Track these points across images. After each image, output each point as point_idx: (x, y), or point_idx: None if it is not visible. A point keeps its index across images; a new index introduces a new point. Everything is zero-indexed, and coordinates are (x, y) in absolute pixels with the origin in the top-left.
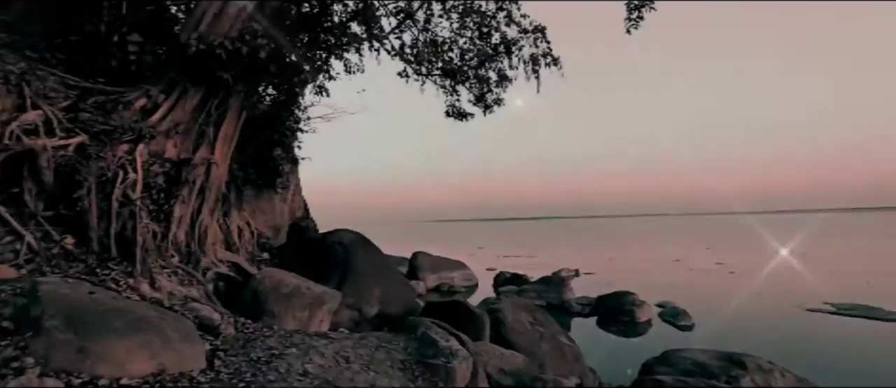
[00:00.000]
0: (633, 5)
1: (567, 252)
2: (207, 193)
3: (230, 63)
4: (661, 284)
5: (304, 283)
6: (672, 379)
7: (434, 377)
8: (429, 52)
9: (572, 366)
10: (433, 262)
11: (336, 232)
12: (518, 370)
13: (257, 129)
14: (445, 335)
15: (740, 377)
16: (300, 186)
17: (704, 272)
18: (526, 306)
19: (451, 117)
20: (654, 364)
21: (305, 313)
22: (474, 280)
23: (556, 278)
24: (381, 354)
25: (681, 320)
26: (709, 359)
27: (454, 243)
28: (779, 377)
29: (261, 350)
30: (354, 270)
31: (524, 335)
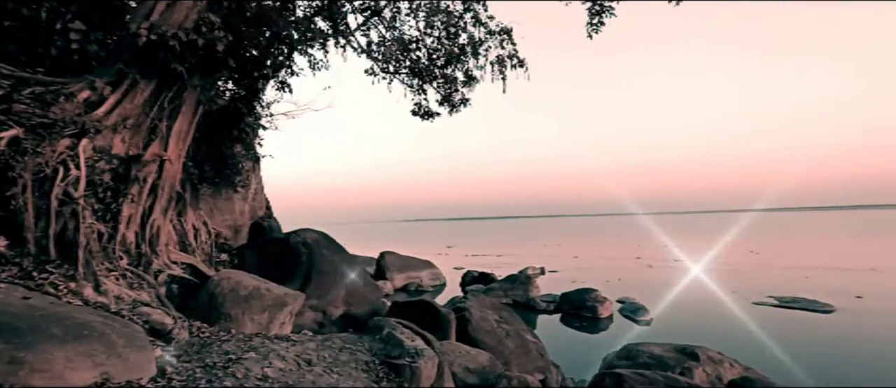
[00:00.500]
0: (594, 10)
1: (534, 251)
2: (160, 191)
3: (185, 55)
4: (623, 280)
5: (264, 284)
6: (630, 372)
7: (399, 377)
8: (396, 51)
9: (537, 362)
10: (401, 262)
11: (300, 232)
12: (483, 368)
13: (215, 125)
14: (411, 335)
15: (693, 369)
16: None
17: (663, 269)
18: (492, 304)
19: (418, 117)
20: (613, 358)
21: (265, 315)
22: (442, 279)
23: (523, 276)
24: (346, 355)
25: (640, 315)
26: (665, 352)
27: (424, 242)
28: (728, 367)
29: (217, 355)
30: (319, 270)
31: (490, 333)
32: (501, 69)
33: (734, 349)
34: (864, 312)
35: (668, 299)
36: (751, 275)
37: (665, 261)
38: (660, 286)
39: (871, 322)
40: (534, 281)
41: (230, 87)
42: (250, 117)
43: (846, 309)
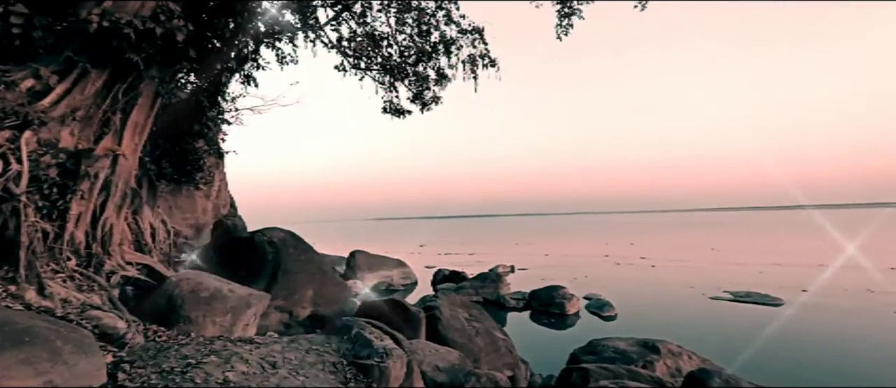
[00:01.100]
0: (563, 12)
1: (506, 249)
2: (113, 187)
3: (141, 45)
4: (590, 277)
5: (227, 285)
6: (596, 367)
7: (368, 377)
8: (367, 47)
9: (506, 359)
10: (371, 261)
11: (266, 231)
12: (453, 366)
13: (175, 118)
14: (380, 335)
15: (655, 362)
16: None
17: (629, 266)
18: (462, 302)
19: (389, 114)
20: (580, 353)
21: (228, 317)
22: (413, 278)
23: (493, 274)
24: (312, 357)
25: (605, 311)
26: (628, 346)
27: (396, 241)
28: (686, 359)
29: (175, 360)
30: (285, 270)
31: (460, 331)
32: (473, 68)
33: (692, 341)
34: (807, 304)
35: (632, 294)
36: (710, 271)
37: (631, 258)
38: (625, 283)
39: (812, 314)
40: (504, 279)
41: (192, 79)
42: (213, 112)
43: (793, 302)
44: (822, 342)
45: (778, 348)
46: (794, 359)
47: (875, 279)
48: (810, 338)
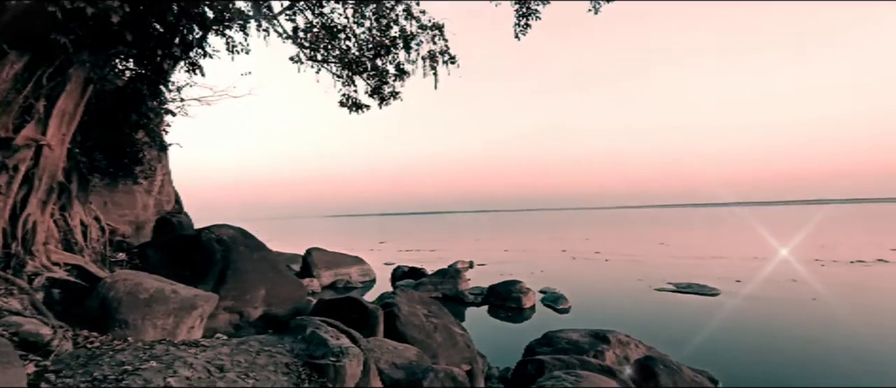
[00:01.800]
0: (521, 12)
1: (467, 245)
2: (36, 181)
3: (69, 25)
4: (546, 272)
5: (170, 286)
6: (550, 358)
7: (323, 377)
8: (324, 39)
9: (464, 354)
10: (329, 258)
11: (214, 228)
12: (410, 363)
13: (111, 107)
14: (336, 334)
15: (605, 351)
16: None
17: (585, 261)
18: (421, 298)
19: (346, 108)
20: (535, 345)
21: (171, 320)
22: (372, 275)
23: (452, 270)
24: (264, 358)
25: (560, 304)
26: (580, 337)
27: (355, 238)
28: (634, 348)
29: (108, 367)
30: (235, 269)
31: (418, 328)
32: (433, 64)
33: (639, 331)
34: (741, 294)
35: (586, 287)
36: (657, 264)
37: (587, 253)
38: (579, 277)
39: (744, 302)
40: (463, 275)
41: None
42: (154, 101)
43: (728, 292)
44: (750, 327)
45: (713, 334)
46: (725, 343)
47: (799, 271)
48: (740, 324)
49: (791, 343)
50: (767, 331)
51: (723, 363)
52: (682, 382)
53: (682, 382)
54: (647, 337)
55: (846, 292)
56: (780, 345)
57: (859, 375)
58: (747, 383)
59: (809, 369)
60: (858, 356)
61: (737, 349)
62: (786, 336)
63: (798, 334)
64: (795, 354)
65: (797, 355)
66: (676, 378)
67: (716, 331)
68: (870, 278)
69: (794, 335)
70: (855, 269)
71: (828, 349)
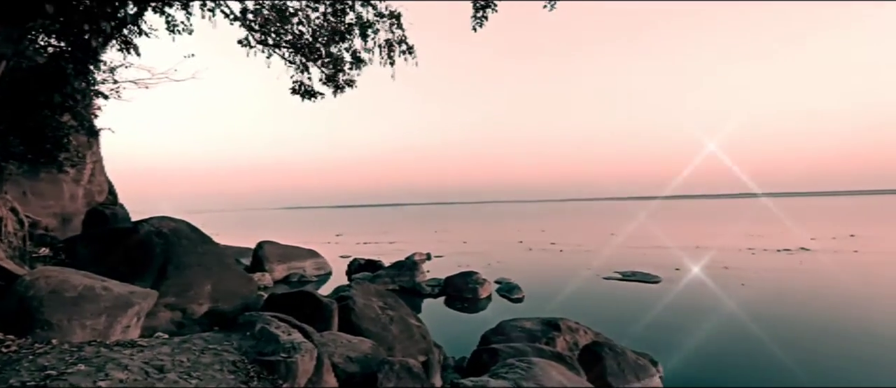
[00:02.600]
0: (478, 5)
1: (426, 237)
2: None
3: None
4: (502, 263)
5: (101, 283)
6: (504, 346)
7: (273, 375)
8: (275, 22)
9: (420, 345)
10: (282, 252)
11: (153, 220)
12: (365, 356)
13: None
14: (288, 329)
15: (556, 338)
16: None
17: (541, 251)
18: (377, 291)
19: (298, 96)
20: (490, 335)
21: (102, 319)
22: (327, 269)
23: (409, 262)
24: (208, 357)
25: (514, 294)
26: (533, 326)
27: (311, 231)
28: (583, 334)
29: (28, 373)
30: (178, 264)
31: (374, 320)
32: (390, 53)
33: (587, 317)
34: (679, 280)
35: (539, 277)
36: (607, 254)
37: (543, 244)
38: (533, 267)
39: (681, 289)
40: (420, 267)
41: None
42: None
43: (668, 279)
44: (686, 311)
45: (653, 318)
46: (665, 327)
47: (732, 259)
48: (677, 308)
49: (721, 325)
50: (701, 314)
51: (662, 345)
52: (625, 364)
53: (625, 364)
54: (594, 323)
55: (770, 277)
56: (712, 327)
57: (777, 349)
58: (684, 362)
59: (735, 347)
60: (777, 333)
61: (674, 332)
62: (717, 319)
63: (727, 316)
64: (724, 334)
65: (726, 335)
66: (621, 361)
67: (656, 316)
68: (791, 264)
69: (723, 318)
70: (780, 257)
71: (752, 329)
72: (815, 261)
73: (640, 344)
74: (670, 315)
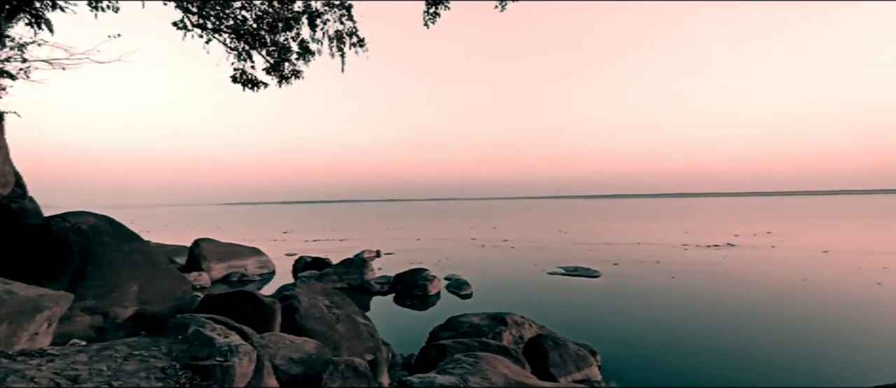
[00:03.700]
0: (431, 1)
1: (377, 234)
2: None
3: None
4: (453, 259)
5: (3, 286)
6: (452, 342)
7: (208, 380)
8: (215, 5)
9: (368, 343)
10: (221, 250)
11: (70, 216)
12: (310, 356)
13: None
14: (225, 331)
15: (502, 333)
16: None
17: (493, 248)
18: (324, 290)
19: (240, 85)
20: (438, 331)
21: (3, 327)
22: (271, 267)
23: (358, 259)
24: (133, 364)
25: (463, 290)
26: (481, 321)
27: (256, 228)
28: (528, 327)
29: None
30: (99, 264)
31: (320, 320)
32: (340, 45)
33: (532, 311)
34: (617, 275)
35: (488, 273)
36: (554, 250)
37: (495, 241)
38: (483, 263)
39: (620, 283)
40: (369, 264)
41: None
42: None
43: (607, 274)
44: (621, 303)
45: (593, 311)
46: (603, 318)
47: (665, 254)
48: (614, 301)
49: (652, 315)
50: (635, 306)
51: (601, 336)
52: (567, 356)
53: (567, 356)
54: (539, 317)
55: (696, 270)
56: (644, 317)
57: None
58: (620, 350)
59: (664, 334)
60: (699, 321)
61: (611, 323)
62: (648, 309)
63: (657, 306)
64: (654, 323)
65: (656, 324)
66: (563, 353)
67: (595, 308)
68: (716, 258)
69: (654, 308)
70: (708, 252)
71: (677, 318)
72: (736, 255)
73: (580, 335)
74: (608, 307)
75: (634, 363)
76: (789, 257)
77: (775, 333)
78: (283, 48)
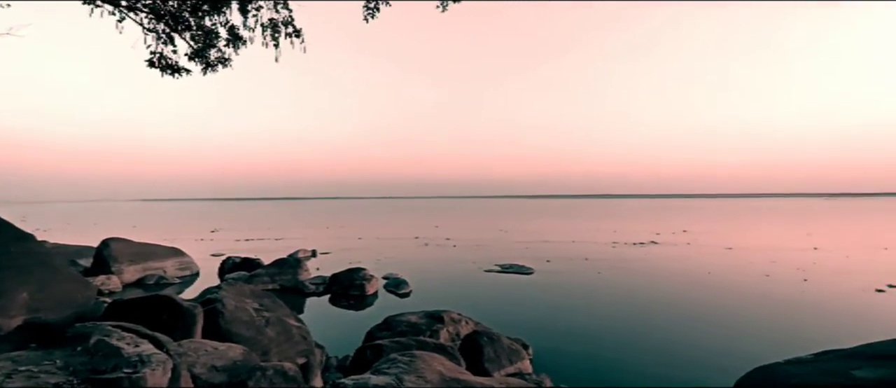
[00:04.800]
0: None
1: (316, 233)
2: None
3: None
4: (393, 258)
5: None
6: (388, 341)
7: None
8: None
9: (300, 347)
10: (135, 250)
11: None
12: (234, 363)
13: None
14: (135, 339)
15: (439, 330)
16: None
17: (436, 246)
18: (253, 292)
19: (158, 69)
20: (375, 331)
21: None
22: (194, 269)
23: (292, 259)
24: (18, 381)
25: (401, 288)
26: (418, 319)
27: (179, 227)
28: (464, 324)
29: None
30: None
31: (247, 324)
32: (275, 35)
33: (469, 308)
34: (549, 271)
35: (427, 271)
36: (493, 248)
37: (438, 239)
38: (423, 261)
39: (551, 278)
40: (304, 264)
41: None
42: None
43: (540, 270)
44: (551, 297)
45: (526, 306)
46: (534, 312)
47: (594, 251)
48: (545, 296)
49: (579, 308)
50: (564, 300)
51: (532, 329)
52: (501, 350)
53: (501, 350)
54: (475, 313)
55: (622, 266)
56: (572, 310)
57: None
58: (550, 343)
59: (590, 325)
60: (622, 312)
61: (542, 317)
62: (576, 303)
63: (584, 300)
64: (581, 315)
65: (583, 316)
66: (497, 347)
67: (528, 303)
68: (639, 255)
69: (581, 301)
70: (634, 249)
71: (603, 310)
72: (657, 252)
73: (514, 330)
74: (539, 303)
75: (562, 354)
76: (700, 254)
77: (680, 320)
78: (210, 33)
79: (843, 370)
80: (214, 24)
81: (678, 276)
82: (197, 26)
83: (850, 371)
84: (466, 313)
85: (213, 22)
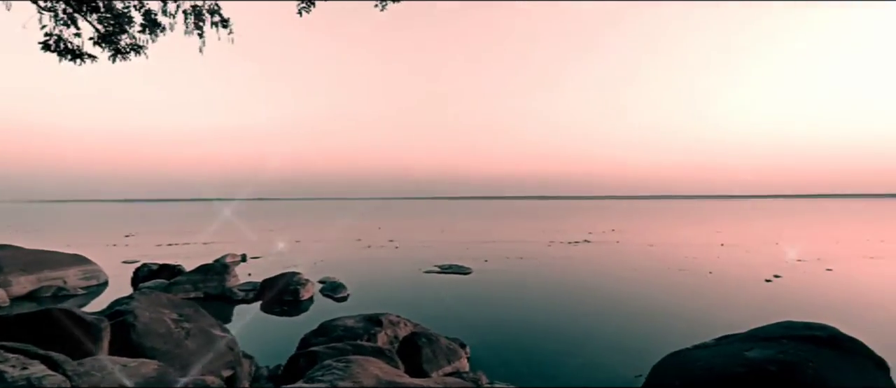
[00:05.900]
0: None
1: (250, 235)
2: None
3: None
4: (331, 261)
5: None
6: (324, 348)
7: None
8: None
9: (226, 358)
10: (28, 258)
11: None
12: (147, 381)
13: None
14: (22, 361)
15: (377, 333)
16: None
17: (379, 248)
18: (171, 301)
19: (56, 53)
20: (310, 337)
21: None
22: (102, 278)
23: (219, 265)
24: None
25: (338, 292)
26: (356, 323)
27: (86, 231)
28: (403, 326)
29: None
30: None
31: (164, 337)
32: (199, 23)
33: (408, 310)
34: (487, 271)
35: (365, 274)
36: (434, 249)
37: (381, 241)
38: (361, 263)
39: (488, 277)
40: (232, 270)
41: None
42: None
43: (478, 270)
44: (488, 296)
45: (463, 306)
46: (472, 312)
47: (531, 250)
48: (482, 295)
49: (515, 305)
50: (500, 298)
51: (470, 328)
52: (439, 351)
53: (439, 351)
54: (414, 315)
55: (556, 264)
56: (508, 308)
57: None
58: (487, 341)
59: (526, 321)
60: (556, 308)
61: (479, 316)
62: (512, 301)
63: (518, 297)
64: (517, 312)
65: (518, 313)
66: (435, 347)
67: (466, 303)
68: (574, 253)
69: (516, 299)
70: (568, 247)
71: (537, 306)
72: (589, 250)
73: (452, 330)
74: (476, 302)
75: (498, 351)
76: (626, 251)
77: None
78: (121, 16)
79: (738, 351)
80: (127, 7)
81: (605, 272)
82: (106, 8)
83: (744, 353)
84: (405, 314)
85: (126, 4)
